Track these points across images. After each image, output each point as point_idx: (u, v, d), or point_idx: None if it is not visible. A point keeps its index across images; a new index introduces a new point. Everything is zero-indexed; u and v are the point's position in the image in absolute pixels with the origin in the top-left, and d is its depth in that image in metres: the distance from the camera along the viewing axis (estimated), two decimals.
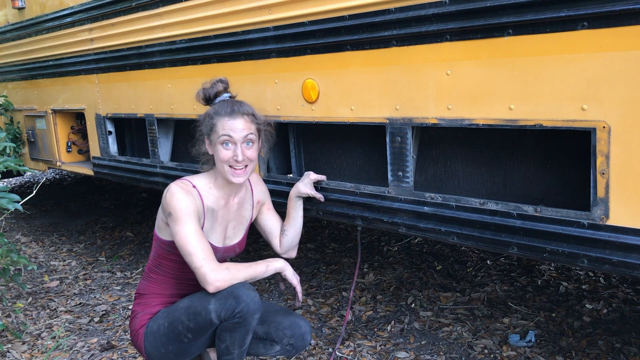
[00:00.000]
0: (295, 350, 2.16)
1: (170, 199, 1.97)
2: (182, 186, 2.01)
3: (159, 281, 2.13)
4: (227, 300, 1.89)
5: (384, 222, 2.10)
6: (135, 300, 2.18)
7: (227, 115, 2.00)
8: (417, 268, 3.60)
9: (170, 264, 2.11)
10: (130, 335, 2.17)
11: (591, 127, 1.52)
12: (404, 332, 2.81)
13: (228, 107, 2.02)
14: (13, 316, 3.27)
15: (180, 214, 1.94)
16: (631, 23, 1.41)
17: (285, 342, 2.13)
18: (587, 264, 1.59)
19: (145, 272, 2.19)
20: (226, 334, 1.95)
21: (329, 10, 2.08)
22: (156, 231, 2.13)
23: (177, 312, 2.01)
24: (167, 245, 2.08)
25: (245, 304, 1.89)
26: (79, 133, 4.20)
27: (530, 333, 2.64)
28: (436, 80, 1.84)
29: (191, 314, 1.96)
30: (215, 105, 2.07)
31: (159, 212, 2.10)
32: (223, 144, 1.99)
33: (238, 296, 1.89)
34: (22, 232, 5.19)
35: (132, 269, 3.97)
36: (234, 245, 2.20)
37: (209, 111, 2.06)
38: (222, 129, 1.99)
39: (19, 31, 4.27)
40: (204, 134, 2.07)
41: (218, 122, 2.00)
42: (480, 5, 1.66)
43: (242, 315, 1.90)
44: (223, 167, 2.02)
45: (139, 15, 3.02)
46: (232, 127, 1.98)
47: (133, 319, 2.15)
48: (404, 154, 2.00)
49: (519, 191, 1.93)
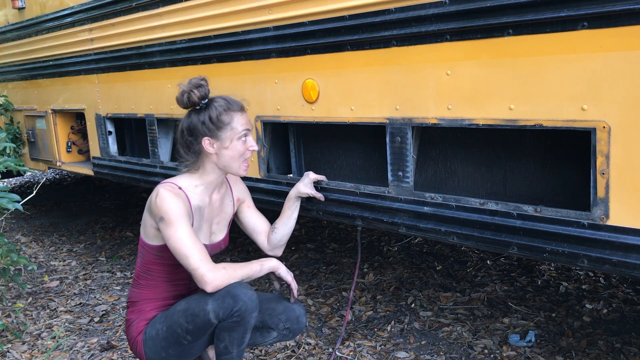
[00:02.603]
0: (292, 334, 2.18)
1: (161, 203, 1.96)
2: (169, 189, 2.00)
3: (149, 286, 2.13)
4: (224, 299, 1.90)
5: (384, 222, 2.10)
6: (129, 309, 2.17)
7: (239, 110, 2.06)
8: (417, 268, 3.60)
9: (160, 268, 2.10)
10: (129, 343, 2.16)
11: (591, 127, 1.52)
12: (404, 332, 2.81)
13: (234, 103, 2.07)
14: (13, 316, 3.27)
15: (172, 217, 1.94)
16: (631, 23, 1.41)
17: (282, 327, 2.15)
18: (587, 264, 1.59)
19: (134, 280, 2.18)
20: (225, 334, 1.95)
21: (329, 10, 2.08)
22: (143, 237, 2.11)
23: (175, 315, 2.01)
24: (156, 250, 2.07)
25: (243, 302, 1.90)
26: (79, 133, 4.20)
27: (530, 333, 2.64)
28: (436, 80, 1.84)
29: (189, 315, 1.96)
30: (213, 104, 2.05)
31: (145, 217, 2.08)
32: (241, 138, 2.04)
33: (236, 295, 1.90)
34: (22, 232, 5.19)
35: (132, 269, 3.97)
36: (220, 242, 2.21)
37: (211, 111, 2.04)
38: (240, 125, 2.04)
39: (19, 31, 4.27)
40: (204, 134, 2.04)
41: (234, 119, 2.03)
42: (480, 5, 1.66)
43: (240, 314, 1.90)
44: (237, 162, 2.06)
45: (139, 15, 3.02)
46: (246, 120, 2.07)
47: (129, 327, 2.14)
48: (404, 154, 2.00)
49: (519, 191, 1.93)
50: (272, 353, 2.64)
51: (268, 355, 2.63)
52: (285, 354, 2.64)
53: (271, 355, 2.63)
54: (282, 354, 2.64)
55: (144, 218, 2.10)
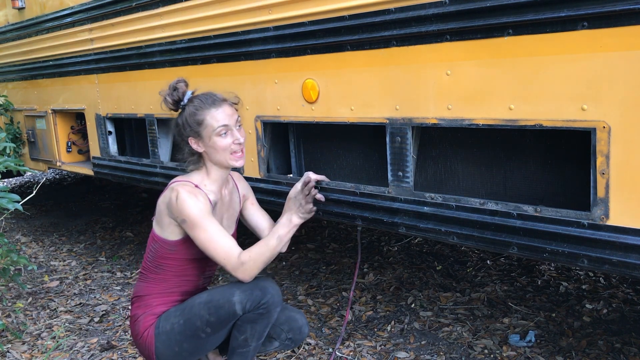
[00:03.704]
0: (294, 344, 2.23)
1: (183, 205, 1.99)
2: (188, 189, 2.03)
3: (158, 280, 2.13)
4: (253, 291, 1.97)
5: (384, 222, 2.10)
6: (134, 304, 2.17)
7: (212, 106, 2.04)
8: (417, 268, 3.60)
9: (172, 263, 2.11)
10: (135, 339, 2.16)
11: (591, 127, 1.52)
12: (404, 332, 2.81)
13: (208, 99, 2.06)
14: (13, 316, 3.27)
15: (196, 219, 1.98)
16: (631, 23, 1.41)
17: (284, 337, 2.20)
18: (587, 264, 1.59)
19: (142, 274, 2.18)
20: (248, 325, 2.00)
21: (329, 10, 2.08)
22: (157, 232, 2.13)
23: (195, 307, 2.04)
24: (171, 245, 2.09)
25: (271, 295, 1.97)
26: (79, 133, 4.20)
27: (530, 333, 2.64)
28: (436, 80, 1.84)
29: (212, 307, 2.00)
30: (189, 105, 2.08)
31: (162, 215, 2.09)
32: (220, 134, 2.03)
33: (264, 287, 1.98)
34: (22, 232, 5.19)
35: (132, 269, 3.97)
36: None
37: (187, 112, 2.07)
38: (215, 121, 2.03)
39: (19, 31, 4.27)
40: (188, 135, 2.08)
41: (207, 116, 2.03)
42: (480, 5, 1.66)
43: (267, 307, 1.97)
44: (223, 156, 2.06)
45: (139, 15, 3.02)
46: (223, 115, 2.04)
47: (135, 322, 2.14)
48: (404, 154, 2.00)
49: (519, 191, 1.93)
50: (272, 353, 2.64)
51: (268, 355, 2.63)
52: (285, 354, 2.64)
53: (271, 355, 2.63)
54: (282, 354, 2.64)
55: (159, 214, 2.11)
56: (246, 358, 2.07)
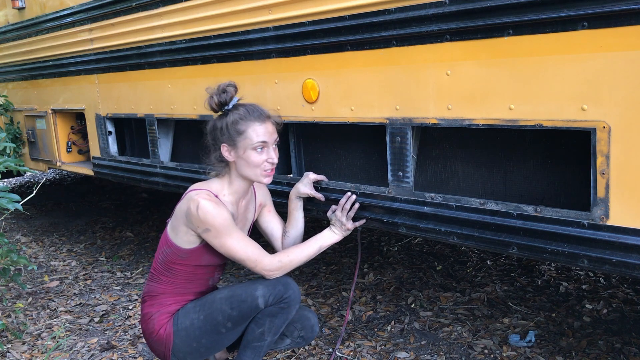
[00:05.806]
0: (305, 342, 2.29)
1: (205, 216, 1.98)
2: (209, 199, 2.02)
3: (170, 282, 2.15)
4: (275, 286, 2.03)
5: (384, 222, 2.10)
6: (146, 302, 2.17)
7: (257, 120, 2.03)
8: (417, 268, 3.60)
9: (183, 268, 2.13)
10: (147, 337, 2.16)
11: (591, 127, 1.52)
12: (404, 332, 2.81)
13: (254, 111, 2.05)
14: (13, 316, 3.27)
15: (220, 228, 1.99)
16: (631, 23, 1.41)
17: (296, 334, 2.26)
18: (587, 264, 1.59)
19: (153, 275, 2.19)
20: (267, 319, 2.04)
21: (329, 10, 2.08)
22: (171, 237, 2.12)
23: (216, 302, 2.07)
24: (183, 253, 2.09)
25: (293, 291, 2.04)
26: (79, 133, 4.20)
27: (530, 333, 2.64)
28: (436, 81, 1.84)
29: (234, 302, 2.04)
30: (233, 111, 2.06)
31: (179, 223, 2.08)
32: (256, 149, 2.03)
33: (287, 283, 2.05)
34: (22, 232, 5.19)
35: (132, 269, 3.97)
36: None
37: (230, 118, 2.04)
38: (256, 135, 2.02)
39: (19, 31, 4.27)
40: (223, 141, 2.06)
41: (249, 128, 2.02)
42: (480, 5, 1.66)
43: (288, 302, 2.02)
44: (253, 172, 2.06)
45: (139, 15, 3.02)
46: (264, 131, 2.04)
47: (148, 321, 2.14)
48: (404, 154, 2.00)
49: (519, 191, 1.93)
50: (272, 353, 2.64)
51: (268, 355, 2.63)
52: (285, 354, 2.64)
53: (271, 355, 2.63)
54: (282, 354, 2.64)
55: (176, 220, 2.10)
56: (259, 353, 2.09)
